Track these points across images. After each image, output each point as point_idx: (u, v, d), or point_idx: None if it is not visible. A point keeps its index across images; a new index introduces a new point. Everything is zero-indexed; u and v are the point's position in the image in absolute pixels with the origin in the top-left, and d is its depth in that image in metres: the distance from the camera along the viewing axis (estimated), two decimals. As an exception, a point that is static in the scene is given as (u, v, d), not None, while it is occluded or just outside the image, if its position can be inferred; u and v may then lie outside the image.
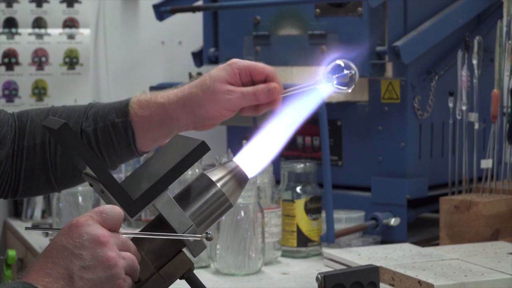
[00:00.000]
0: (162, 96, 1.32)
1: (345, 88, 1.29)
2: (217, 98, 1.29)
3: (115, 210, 1.05)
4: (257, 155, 1.20)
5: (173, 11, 2.30)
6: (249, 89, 1.30)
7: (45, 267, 1.00)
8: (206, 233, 1.09)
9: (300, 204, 1.87)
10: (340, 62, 1.31)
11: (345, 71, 1.29)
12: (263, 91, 1.29)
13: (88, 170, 1.10)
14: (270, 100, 1.30)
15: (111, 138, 1.32)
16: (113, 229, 1.04)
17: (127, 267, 1.03)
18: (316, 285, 1.45)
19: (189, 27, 2.64)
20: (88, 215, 1.03)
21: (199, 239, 1.09)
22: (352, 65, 1.30)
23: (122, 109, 1.32)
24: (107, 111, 1.33)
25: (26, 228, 1.14)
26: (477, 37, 1.93)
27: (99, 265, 1.00)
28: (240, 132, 2.22)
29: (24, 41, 2.46)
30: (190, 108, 1.30)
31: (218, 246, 1.73)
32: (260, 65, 1.34)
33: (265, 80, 1.32)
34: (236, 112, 1.32)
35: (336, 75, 1.29)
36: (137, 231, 1.18)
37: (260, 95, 1.29)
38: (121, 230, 1.06)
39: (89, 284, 0.99)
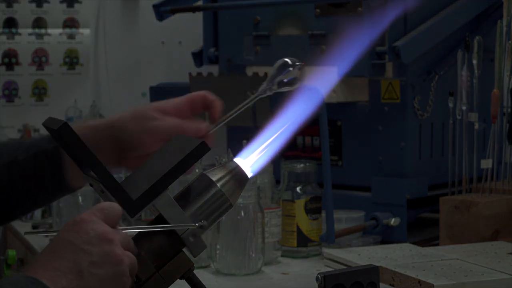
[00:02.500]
0: (97, 119, 1.27)
1: (294, 85, 1.28)
2: (144, 123, 1.24)
3: (114, 206, 1.05)
4: (256, 155, 1.20)
5: (173, 11, 2.30)
6: (177, 122, 1.26)
7: (52, 261, 0.99)
8: (201, 221, 1.09)
9: (300, 204, 1.87)
10: (282, 60, 1.31)
11: (290, 68, 1.29)
12: (190, 127, 1.26)
13: (88, 170, 1.10)
14: (199, 136, 1.26)
15: (42, 167, 1.26)
16: (114, 225, 1.04)
17: (130, 265, 1.03)
18: (316, 285, 1.45)
19: (189, 27, 2.64)
20: (91, 212, 1.02)
21: (194, 227, 1.09)
22: (296, 60, 1.30)
23: None
24: (42, 138, 1.28)
25: (26, 233, 1.13)
26: (477, 37, 1.93)
27: (107, 261, 1.00)
28: (240, 132, 2.22)
29: (24, 41, 2.46)
30: (115, 130, 1.23)
31: (218, 246, 1.73)
32: (198, 96, 1.30)
33: (207, 108, 1.30)
34: (162, 142, 1.23)
35: (281, 75, 1.29)
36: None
37: (188, 130, 1.26)
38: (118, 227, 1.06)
39: (98, 279, 0.99)
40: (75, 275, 0.98)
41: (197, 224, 1.09)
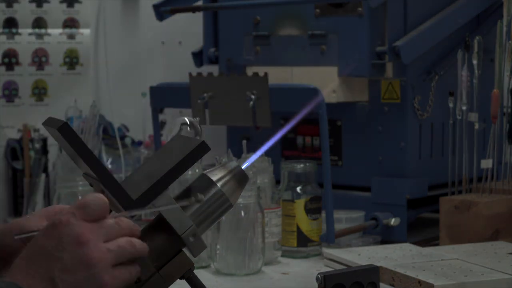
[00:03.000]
0: None
1: None
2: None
3: (97, 199, 1.03)
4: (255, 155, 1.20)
5: (173, 11, 2.30)
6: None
7: (28, 268, 0.99)
8: (196, 195, 1.09)
9: (300, 204, 1.87)
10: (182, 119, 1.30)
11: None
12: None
13: (88, 170, 1.10)
14: None
15: None
16: (101, 218, 1.02)
17: (118, 256, 1.01)
18: (316, 285, 1.45)
19: (189, 27, 2.64)
20: (71, 212, 1.01)
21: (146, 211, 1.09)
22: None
23: None
24: None
25: (16, 236, 1.11)
26: (477, 37, 1.93)
27: (79, 266, 0.99)
28: (240, 132, 2.22)
29: (24, 41, 2.46)
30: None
31: (218, 246, 1.73)
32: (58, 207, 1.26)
33: None
34: None
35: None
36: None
37: None
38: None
39: (70, 285, 0.98)
40: (48, 282, 0.99)
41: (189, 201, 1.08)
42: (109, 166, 2.42)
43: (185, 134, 1.24)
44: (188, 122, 1.26)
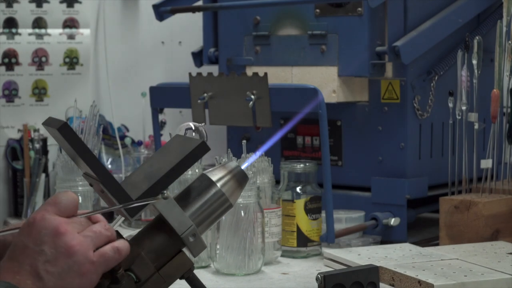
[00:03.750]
0: None
1: None
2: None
3: (68, 196, 1.07)
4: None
5: (173, 11, 2.30)
6: None
7: (12, 267, 1.02)
8: (162, 193, 1.10)
9: (300, 204, 1.87)
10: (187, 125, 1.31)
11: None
12: None
13: (88, 170, 1.10)
14: None
15: None
16: (71, 214, 1.07)
17: (95, 241, 1.05)
18: (316, 285, 1.45)
19: (189, 27, 2.64)
20: (44, 209, 1.05)
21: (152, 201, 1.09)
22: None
23: None
24: None
25: None
26: (477, 37, 1.93)
27: (60, 255, 1.03)
28: (240, 132, 2.22)
29: (24, 41, 2.46)
30: None
31: (218, 246, 1.74)
32: None
33: None
34: None
35: None
36: (137, 231, 1.18)
37: None
38: (100, 221, 1.10)
39: (56, 276, 1.02)
40: (35, 278, 1.02)
41: (158, 197, 1.10)
42: (109, 166, 2.42)
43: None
44: (193, 128, 1.27)
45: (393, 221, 1.96)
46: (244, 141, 1.74)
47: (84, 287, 1.04)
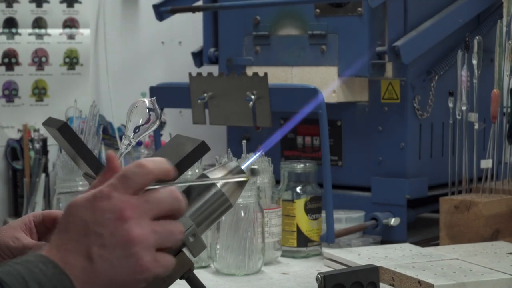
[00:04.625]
0: None
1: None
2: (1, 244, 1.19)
3: (139, 169, 0.96)
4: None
5: (173, 11, 2.30)
6: (31, 242, 1.20)
7: (65, 242, 0.94)
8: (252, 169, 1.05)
9: (300, 204, 1.87)
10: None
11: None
12: (37, 245, 1.19)
13: (88, 170, 1.10)
14: None
15: None
16: (143, 188, 0.96)
17: (163, 240, 0.96)
18: (316, 285, 1.45)
19: (189, 27, 2.64)
20: (111, 184, 0.95)
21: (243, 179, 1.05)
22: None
23: None
24: None
25: (59, 193, 1.08)
26: (477, 37, 1.93)
27: (119, 243, 0.93)
28: (240, 132, 2.22)
29: (24, 41, 2.46)
30: None
31: (218, 246, 1.74)
32: (54, 212, 1.25)
33: None
34: None
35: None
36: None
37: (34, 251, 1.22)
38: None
39: (109, 264, 0.93)
40: (86, 260, 0.93)
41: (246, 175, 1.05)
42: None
43: (144, 112, 1.24)
44: (148, 104, 1.26)
45: (393, 221, 1.96)
46: (244, 141, 1.74)
47: (136, 282, 0.95)
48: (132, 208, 0.94)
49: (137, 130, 1.21)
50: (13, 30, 2.45)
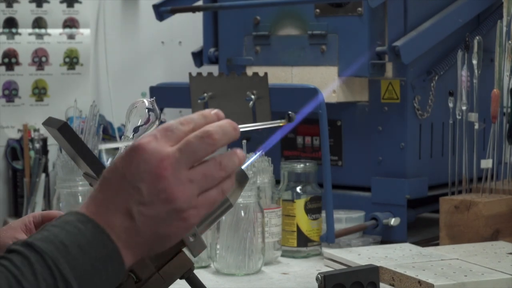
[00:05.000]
0: None
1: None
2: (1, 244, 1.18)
3: (182, 122, 0.93)
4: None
5: (173, 11, 2.30)
6: None
7: (105, 196, 0.91)
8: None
9: (300, 204, 1.87)
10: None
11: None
12: None
13: (88, 170, 1.10)
14: None
15: None
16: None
17: (202, 186, 0.92)
18: (316, 285, 1.45)
19: (189, 27, 2.64)
20: (152, 135, 0.90)
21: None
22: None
23: None
24: None
25: (101, 146, 1.07)
26: (477, 37, 1.93)
27: (158, 200, 0.89)
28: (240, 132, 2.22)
29: (24, 41, 2.46)
30: None
31: (218, 246, 1.73)
32: (53, 213, 1.24)
33: None
34: None
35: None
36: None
37: None
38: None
39: (150, 220, 0.90)
40: (126, 217, 0.90)
41: None
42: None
43: (143, 112, 1.24)
44: (147, 104, 1.26)
45: (393, 221, 1.96)
46: (244, 141, 1.74)
47: (180, 232, 0.93)
48: (169, 161, 0.90)
49: (136, 130, 1.21)
50: (13, 30, 2.45)
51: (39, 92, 2.49)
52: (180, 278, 1.11)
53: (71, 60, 2.52)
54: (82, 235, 0.89)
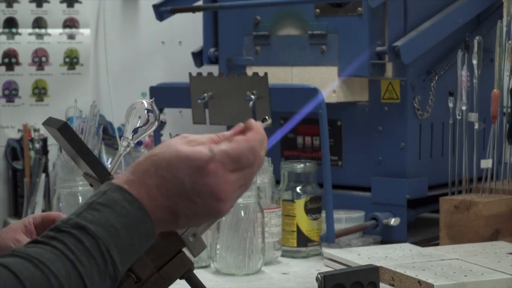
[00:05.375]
0: None
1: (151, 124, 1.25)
2: (1, 246, 1.19)
3: (251, 154, 0.98)
4: None
5: (173, 11, 2.30)
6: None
7: (157, 193, 0.95)
8: None
9: (300, 204, 1.87)
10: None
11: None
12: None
13: (88, 170, 1.10)
14: None
15: None
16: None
17: (243, 186, 1.00)
18: (316, 285, 1.45)
19: (189, 27, 2.64)
20: (221, 162, 0.96)
21: None
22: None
23: None
24: None
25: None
26: (477, 37, 1.93)
27: (209, 214, 0.98)
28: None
29: (24, 41, 2.46)
30: None
31: (218, 246, 1.74)
32: (53, 214, 1.25)
33: None
34: None
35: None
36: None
37: None
38: None
39: (190, 222, 0.99)
40: (170, 215, 0.96)
41: None
42: (109, 166, 2.42)
43: (142, 113, 1.24)
44: (148, 107, 1.26)
45: (393, 221, 1.96)
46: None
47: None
48: (229, 188, 0.97)
49: (135, 131, 1.22)
50: (13, 30, 2.45)
51: (39, 92, 2.49)
52: (180, 278, 1.11)
53: (71, 60, 2.52)
54: (130, 217, 0.93)
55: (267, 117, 1.10)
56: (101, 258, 0.89)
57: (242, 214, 1.71)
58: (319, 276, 1.44)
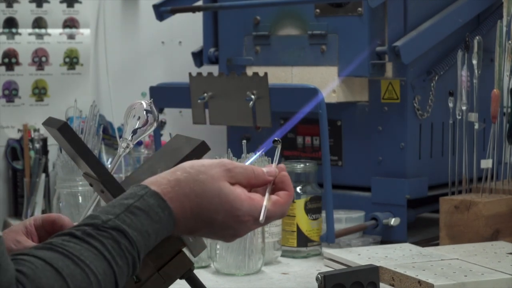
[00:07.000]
0: None
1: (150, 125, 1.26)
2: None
3: (281, 213, 1.09)
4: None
5: (173, 11, 2.30)
6: (32, 245, 1.17)
7: (189, 215, 1.03)
8: None
9: (300, 204, 1.87)
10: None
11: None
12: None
13: (88, 170, 1.10)
14: None
15: None
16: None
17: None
18: (316, 285, 1.45)
19: (189, 27, 2.64)
20: (254, 218, 1.05)
21: None
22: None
23: None
24: None
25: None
26: (477, 37, 1.93)
27: (217, 239, 1.11)
28: (240, 132, 2.22)
29: (24, 41, 2.46)
30: None
31: (218, 246, 1.74)
32: (53, 215, 1.25)
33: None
34: None
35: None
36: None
37: None
38: None
39: (210, 236, 1.07)
40: (188, 231, 1.05)
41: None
42: (109, 166, 2.42)
43: (141, 114, 1.24)
44: (147, 107, 1.26)
45: (393, 221, 1.96)
46: (244, 141, 1.74)
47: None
48: (250, 230, 1.08)
49: (135, 132, 1.22)
50: (13, 30, 2.45)
51: (39, 92, 2.49)
52: (180, 278, 1.11)
53: (71, 60, 2.52)
54: (160, 223, 1.00)
55: (278, 139, 1.13)
56: (132, 261, 0.96)
57: (242, 214, 1.71)
58: (319, 276, 1.44)
